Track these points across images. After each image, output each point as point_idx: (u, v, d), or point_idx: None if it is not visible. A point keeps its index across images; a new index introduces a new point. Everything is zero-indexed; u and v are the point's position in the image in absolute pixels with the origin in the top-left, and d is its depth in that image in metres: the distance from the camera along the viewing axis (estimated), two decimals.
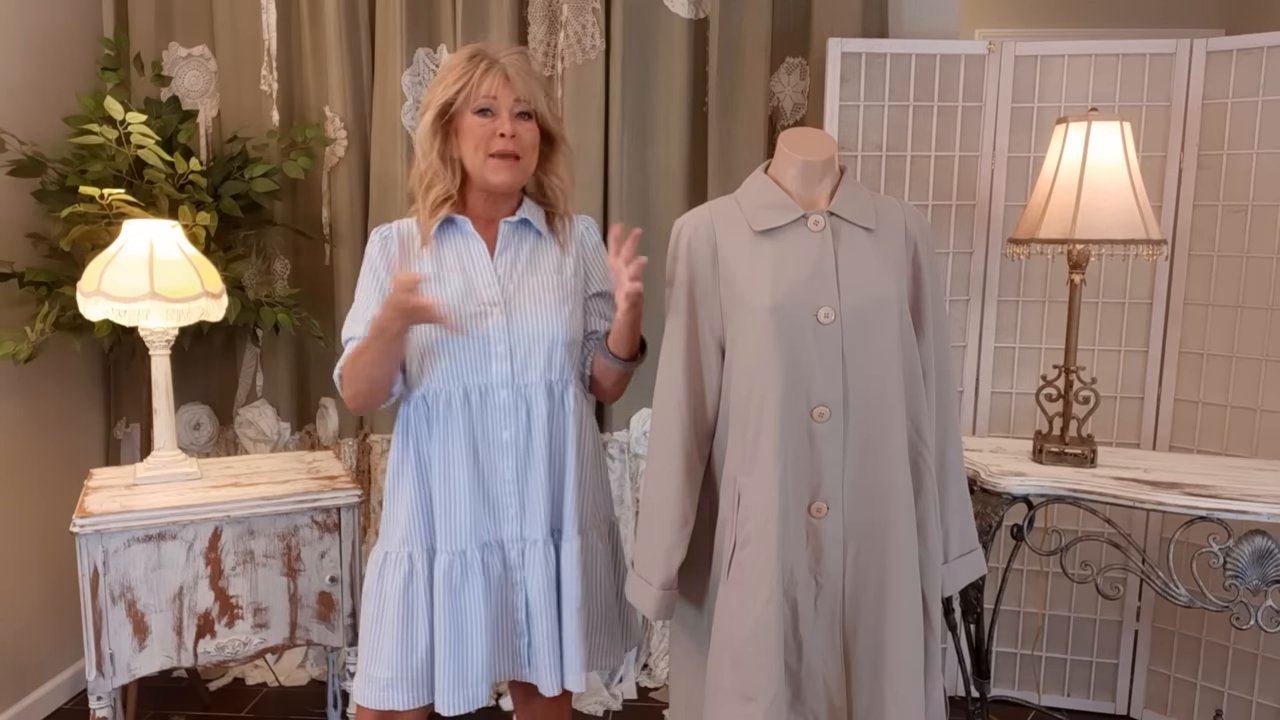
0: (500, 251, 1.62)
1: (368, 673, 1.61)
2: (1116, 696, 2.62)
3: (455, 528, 1.58)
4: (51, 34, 2.63)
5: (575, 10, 2.59)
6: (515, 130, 1.55)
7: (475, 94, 1.54)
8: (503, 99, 1.54)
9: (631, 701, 2.69)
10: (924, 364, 1.50)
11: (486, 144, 1.54)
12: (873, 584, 1.44)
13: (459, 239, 1.62)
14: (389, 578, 1.59)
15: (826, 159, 1.49)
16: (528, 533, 1.61)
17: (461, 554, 1.58)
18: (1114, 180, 2.04)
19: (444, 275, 1.60)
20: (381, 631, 1.59)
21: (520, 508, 1.61)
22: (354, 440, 2.79)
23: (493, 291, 1.59)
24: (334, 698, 2.28)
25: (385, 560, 1.61)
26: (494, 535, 1.61)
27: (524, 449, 1.61)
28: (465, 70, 1.55)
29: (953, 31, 2.69)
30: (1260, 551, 1.85)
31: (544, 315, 1.60)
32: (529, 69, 1.58)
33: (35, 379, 2.56)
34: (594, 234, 1.73)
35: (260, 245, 2.78)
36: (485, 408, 1.59)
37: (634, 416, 2.71)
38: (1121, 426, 2.54)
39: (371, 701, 1.60)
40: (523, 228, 1.65)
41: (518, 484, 1.61)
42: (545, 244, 1.66)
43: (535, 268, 1.64)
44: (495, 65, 1.55)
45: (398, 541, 1.60)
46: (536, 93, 1.57)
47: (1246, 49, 2.35)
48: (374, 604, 1.61)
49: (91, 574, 1.84)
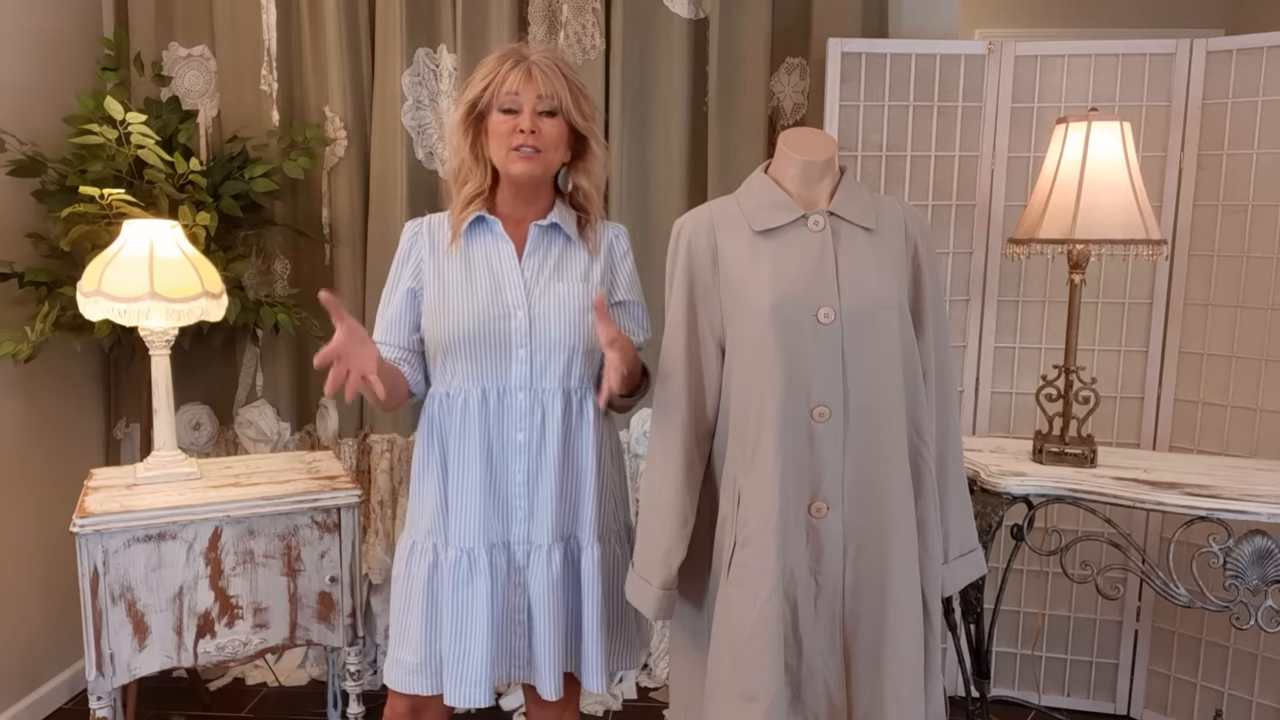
0: (528, 254, 1.62)
1: (396, 657, 1.64)
2: (1116, 696, 2.62)
3: (466, 526, 1.60)
4: (51, 34, 2.63)
5: (575, 10, 2.59)
6: (536, 126, 1.54)
7: (500, 92, 1.55)
8: (525, 96, 1.54)
9: (631, 701, 2.69)
10: (924, 364, 1.50)
11: (509, 140, 1.55)
12: (873, 584, 1.44)
13: (488, 239, 1.63)
14: (416, 566, 1.63)
15: (826, 159, 1.49)
16: (534, 536, 1.62)
17: (469, 552, 1.59)
18: (1114, 180, 2.04)
19: (472, 274, 1.61)
20: (409, 617, 1.62)
21: (529, 511, 1.62)
22: (354, 440, 2.79)
23: (518, 294, 1.60)
24: (334, 698, 2.28)
25: (413, 549, 1.64)
26: (502, 536, 1.62)
27: (536, 453, 1.61)
28: (493, 69, 1.57)
29: (953, 31, 2.69)
30: (1260, 551, 1.85)
31: (567, 322, 1.60)
32: (558, 67, 1.57)
33: (35, 379, 2.56)
34: (624, 242, 1.73)
35: (260, 245, 2.78)
36: (502, 409, 1.60)
37: (634, 416, 2.71)
38: (1121, 426, 2.54)
39: (399, 685, 1.63)
40: (552, 231, 1.65)
41: (528, 487, 1.62)
42: (574, 249, 1.66)
43: (562, 273, 1.63)
44: (522, 63, 1.55)
45: (424, 532, 1.63)
46: (561, 90, 1.56)
47: (1246, 49, 2.35)
48: (402, 590, 1.64)
49: (91, 574, 1.84)
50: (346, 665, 2.10)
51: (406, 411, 2.71)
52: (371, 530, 2.75)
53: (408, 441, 2.75)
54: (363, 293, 2.74)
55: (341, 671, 2.14)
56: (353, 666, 2.10)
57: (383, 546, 2.75)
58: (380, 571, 2.74)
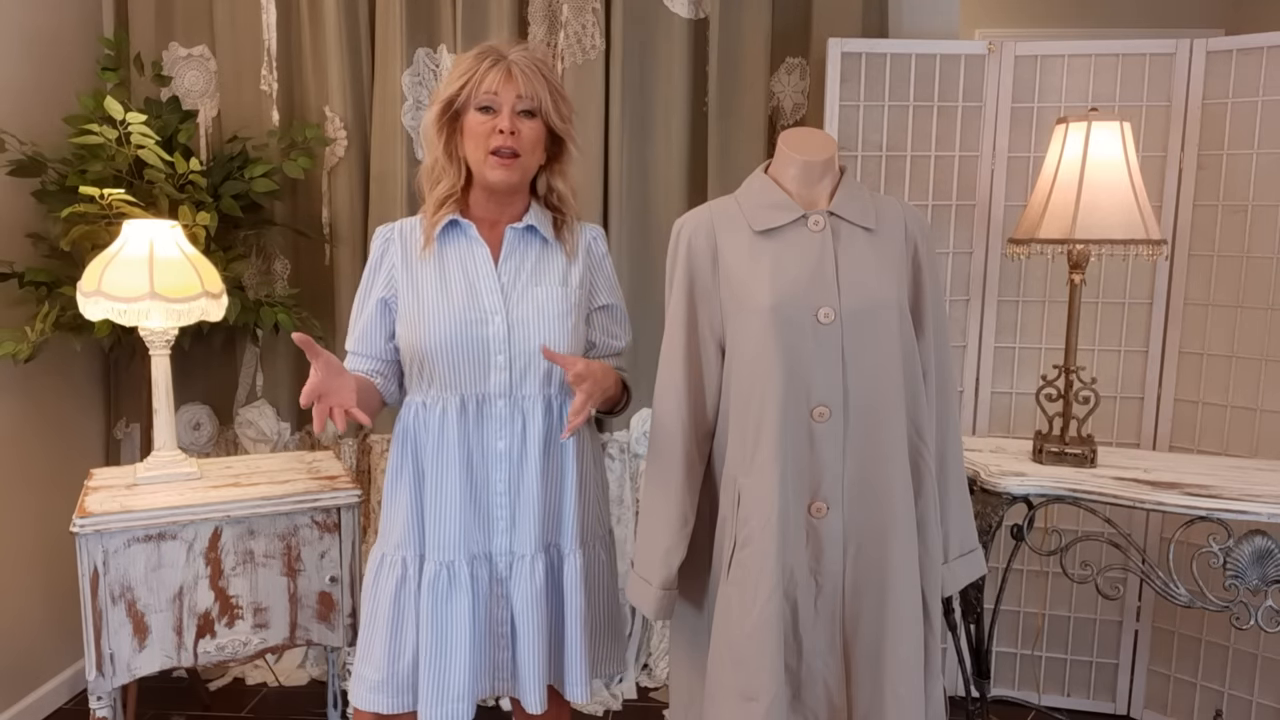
0: (505, 258, 1.59)
1: (359, 673, 1.61)
2: (1116, 696, 2.62)
3: (445, 538, 1.56)
4: (51, 34, 2.62)
5: (575, 10, 2.59)
6: (515, 127, 1.51)
7: (477, 91, 1.51)
8: (504, 96, 1.51)
9: (631, 701, 2.69)
10: (924, 364, 1.50)
11: (486, 141, 1.51)
12: (873, 584, 1.44)
13: (462, 243, 1.59)
14: (383, 580, 1.59)
15: (826, 159, 1.49)
16: (517, 547, 1.58)
17: (449, 565, 1.55)
18: (1114, 180, 2.04)
19: (446, 280, 1.57)
20: (374, 633, 1.58)
21: (511, 520, 1.58)
22: (354, 440, 2.79)
23: (494, 299, 1.56)
24: (334, 698, 2.28)
25: (382, 562, 1.60)
26: (484, 547, 1.58)
27: (517, 461, 1.57)
28: (470, 67, 1.53)
29: (953, 31, 2.69)
30: (1260, 551, 1.85)
31: (546, 328, 1.56)
32: (537, 67, 1.53)
33: (35, 379, 2.56)
34: (602, 244, 1.70)
35: (260, 245, 2.78)
36: (481, 417, 1.56)
37: (634, 416, 2.71)
38: (1121, 426, 2.54)
39: (360, 702, 1.60)
40: (529, 234, 1.61)
41: (509, 496, 1.58)
42: (551, 252, 1.62)
43: (540, 277, 1.59)
44: (500, 62, 1.52)
45: (394, 545, 1.59)
46: (541, 91, 1.53)
47: (1246, 49, 2.35)
48: (369, 605, 1.61)
49: (91, 574, 1.84)
50: (346, 665, 2.10)
51: None
52: (371, 530, 2.75)
53: None
54: None
55: (341, 671, 2.14)
56: (352, 667, 2.10)
57: None
58: None
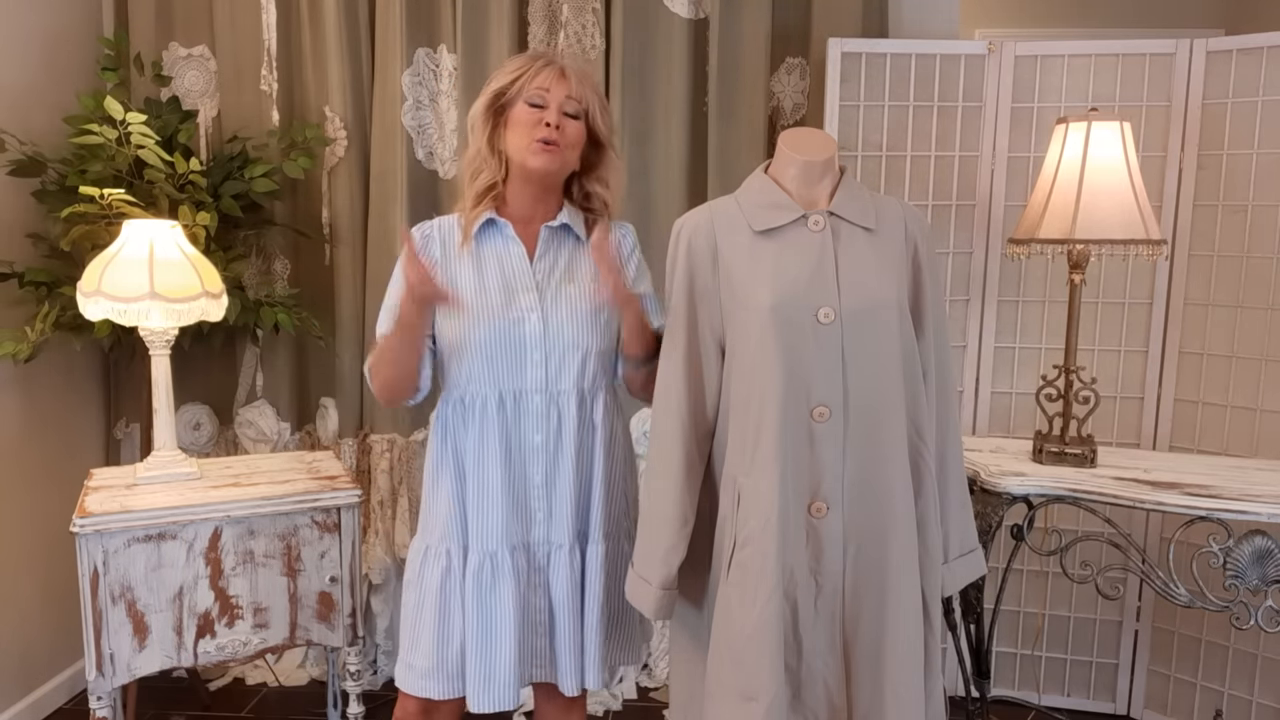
0: (540, 256, 1.64)
1: (407, 661, 1.66)
2: (1116, 696, 2.62)
3: (488, 529, 1.61)
4: (51, 34, 2.63)
5: (575, 10, 2.59)
6: (561, 124, 1.57)
7: (529, 86, 1.57)
8: (555, 94, 1.57)
9: (631, 701, 2.69)
10: (924, 364, 1.50)
11: (532, 131, 1.56)
12: (873, 584, 1.44)
13: (499, 241, 1.64)
14: (429, 571, 1.64)
15: (826, 159, 1.49)
16: (554, 537, 1.64)
17: (492, 555, 1.61)
18: (1114, 180, 2.04)
19: (484, 278, 1.62)
20: (421, 622, 1.64)
21: (548, 512, 1.64)
22: (354, 440, 2.79)
23: (530, 297, 1.61)
24: (334, 698, 2.28)
25: (426, 553, 1.65)
26: (522, 538, 1.64)
27: (553, 454, 1.63)
28: (525, 64, 1.60)
29: (953, 31, 2.69)
30: (1260, 551, 1.85)
31: (580, 324, 1.62)
32: (587, 76, 1.63)
33: (35, 379, 2.56)
34: (630, 239, 1.75)
35: (260, 245, 2.78)
36: (519, 412, 1.62)
37: (634, 416, 2.70)
38: (1121, 426, 2.54)
39: (412, 688, 1.64)
40: (562, 233, 1.66)
41: (546, 488, 1.63)
42: (583, 250, 1.68)
43: (573, 275, 1.65)
44: (554, 64, 1.60)
45: (438, 537, 1.64)
46: (589, 96, 1.61)
47: (1246, 49, 2.35)
48: (415, 595, 1.66)
49: (91, 574, 1.84)
50: (346, 665, 2.10)
51: (406, 412, 2.71)
52: (371, 530, 2.75)
53: (408, 442, 2.75)
54: (363, 293, 2.74)
55: (341, 671, 2.14)
56: (353, 666, 2.10)
57: (382, 546, 2.75)
58: (380, 571, 2.74)
